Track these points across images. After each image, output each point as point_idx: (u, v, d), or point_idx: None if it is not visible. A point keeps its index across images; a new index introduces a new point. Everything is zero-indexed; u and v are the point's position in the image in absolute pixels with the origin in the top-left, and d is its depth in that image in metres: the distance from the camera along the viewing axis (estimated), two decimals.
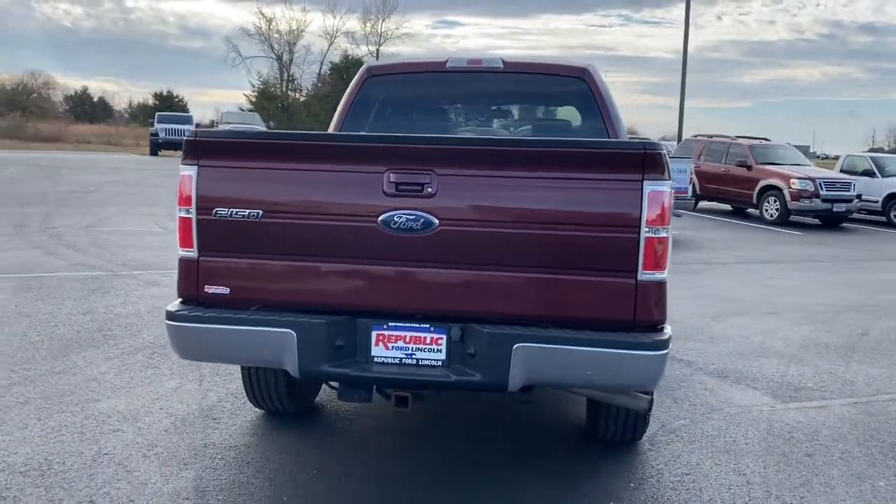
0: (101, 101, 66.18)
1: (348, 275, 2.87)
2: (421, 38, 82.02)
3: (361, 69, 4.63)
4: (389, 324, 2.87)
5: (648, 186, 2.69)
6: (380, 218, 2.77)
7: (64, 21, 75.44)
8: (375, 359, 2.88)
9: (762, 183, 15.72)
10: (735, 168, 16.45)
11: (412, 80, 4.64)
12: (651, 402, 3.19)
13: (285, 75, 49.42)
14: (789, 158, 16.94)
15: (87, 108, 61.77)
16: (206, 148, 2.92)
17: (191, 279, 2.96)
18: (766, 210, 15.60)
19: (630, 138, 4.41)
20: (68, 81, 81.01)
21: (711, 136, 18.16)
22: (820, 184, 14.96)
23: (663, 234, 2.74)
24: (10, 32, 75.46)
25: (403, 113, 4.61)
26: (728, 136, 17.76)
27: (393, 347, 2.88)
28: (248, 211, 2.87)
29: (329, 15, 65.53)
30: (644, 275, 2.72)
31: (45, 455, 3.35)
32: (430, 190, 2.75)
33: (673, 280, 2.90)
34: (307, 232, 2.86)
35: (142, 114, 51.97)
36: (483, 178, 2.77)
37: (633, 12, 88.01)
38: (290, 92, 49.01)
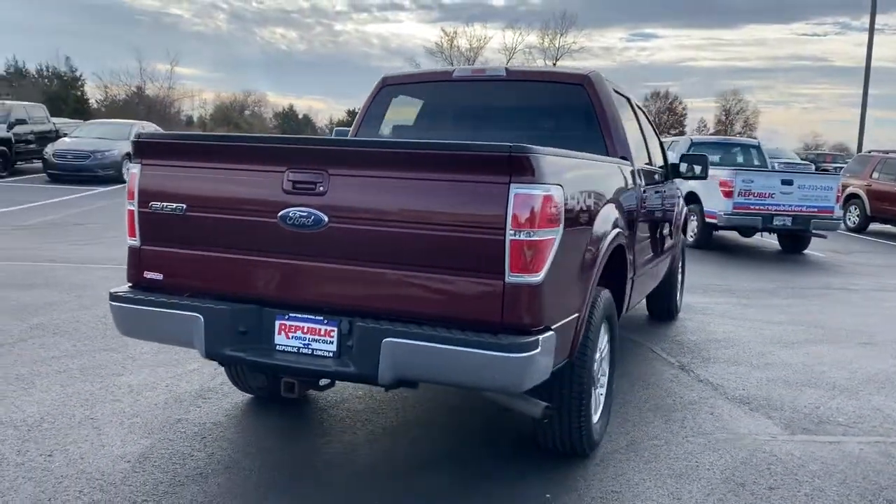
0: (306, 117, 71.48)
1: (255, 266, 3.09)
2: (614, 51, 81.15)
3: (378, 80, 4.87)
4: (290, 314, 3.06)
5: (515, 189, 2.69)
6: (279, 214, 2.98)
7: (280, 44, 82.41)
8: (277, 346, 3.08)
9: None
10: None
11: (422, 90, 4.80)
12: (546, 408, 3.13)
13: None
14: None
15: (293, 124, 67.03)
16: (145, 148, 3.28)
17: (134, 266, 3.32)
18: None
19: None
20: (278, 99, 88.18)
21: (888, 152, 16.52)
22: None
23: (535, 238, 2.72)
24: (234, 55, 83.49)
25: (412, 118, 4.79)
26: None
27: (293, 337, 3.06)
28: (174, 205, 3.19)
29: (509, 31, 66.41)
30: (512, 277, 2.72)
31: (44, 415, 3.87)
32: (321, 189, 2.92)
33: (773, 303, 2.86)
34: (221, 226, 3.12)
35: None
36: (366, 179, 2.90)
37: (853, 19, 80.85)
38: None
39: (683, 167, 6.07)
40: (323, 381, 3.34)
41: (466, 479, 3.39)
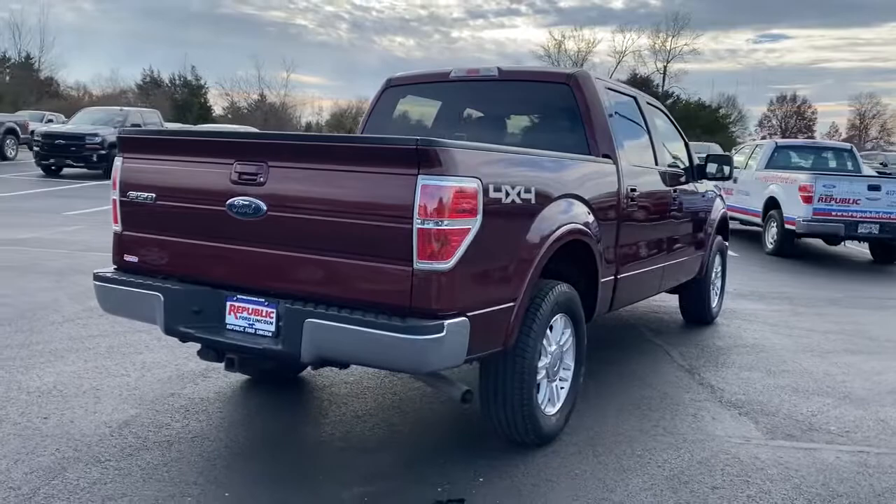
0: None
1: (208, 251, 3.37)
2: (740, 53, 78.31)
3: (384, 81, 5.09)
4: (238, 297, 3.32)
5: (423, 180, 2.83)
6: (226, 203, 3.24)
7: (398, 52, 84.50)
8: (227, 326, 3.34)
9: None
10: None
11: (422, 90, 4.98)
12: (466, 392, 3.24)
13: None
14: None
15: None
16: (125, 143, 3.62)
17: (116, 249, 3.68)
18: None
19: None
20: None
21: None
22: None
23: (444, 227, 2.85)
24: (353, 63, 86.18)
25: (413, 117, 4.98)
26: None
27: (240, 317, 3.31)
28: (146, 195, 3.51)
29: (619, 34, 65.32)
30: (420, 264, 2.85)
31: (57, 384, 4.30)
32: (261, 180, 3.16)
33: (828, 312, 2.92)
34: (181, 214, 3.42)
35: None
36: (297, 171, 3.11)
37: None
38: None
39: (713, 168, 5.97)
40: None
41: (409, 460, 3.53)
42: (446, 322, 2.87)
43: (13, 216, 11.60)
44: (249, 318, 3.29)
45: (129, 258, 3.63)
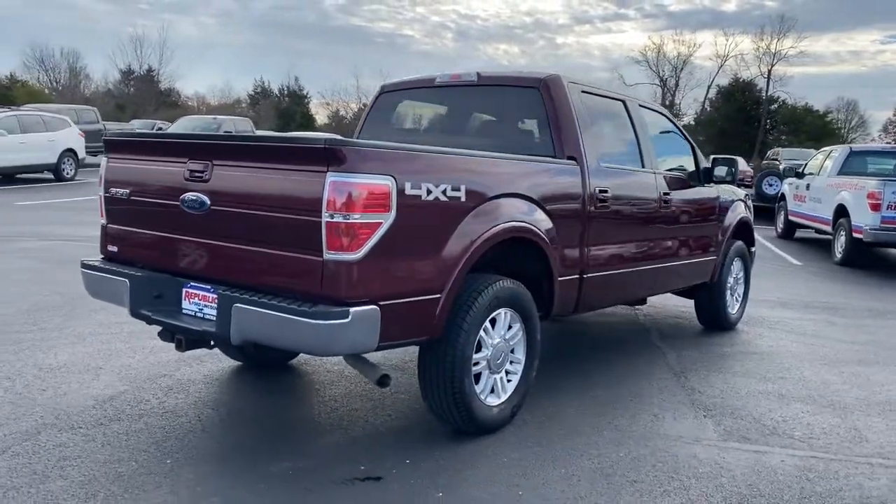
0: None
1: (167, 242, 3.72)
2: (865, 55, 74.52)
3: (379, 87, 5.36)
4: (192, 284, 3.65)
5: (331, 177, 3.06)
6: (180, 198, 3.58)
7: (502, 60, 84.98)
8: (183, 310, 3.68)
9: None
10: None
11: (411, 95, 5.22)
12: (383, 377, 3.44)
13: (666, 101, 49.25)
14: None
15: None
16: (109, 145, 4.03)
17: (102, 240, 4.09)
18: None
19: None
20: None
21: None
22: None
23: (352, 221, 3.08)
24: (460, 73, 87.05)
25: (406, 122, 5.22)
26: None
27: (192, 302, 3.65)
28: (122, 191, 3.90)
29: (721, 37, 63.25)
30: (328, 255, 3.09)
31: (67, 363, 4.77)
32: (206, 177, 3.48)
33: (866, 324, 3.07)
34: (147, 208, 3.79)
35: None
36: (232, 168, 3.41)
37: None
38: None
39: (721, 171, 5.93)
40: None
41: (351, 442, 3.77)
42: (352, 309, 3.09)
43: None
44: (200, 303, 3.61)
45: (111, 248, 4.04)
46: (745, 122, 45.47)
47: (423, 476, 3.39)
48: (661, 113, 5.84)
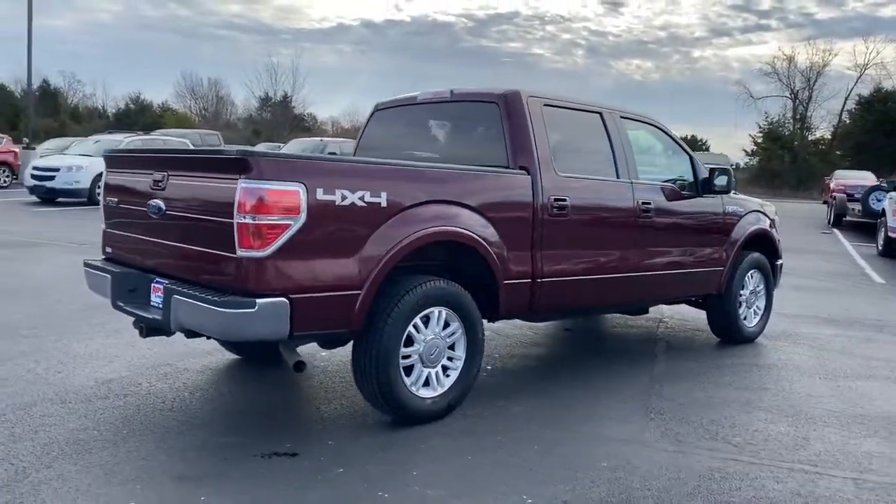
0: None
1: (141, 243, 4.28)
2: None
3: (374, 105, 5.79)
4: (157, 279, 4.18)
5: (242, 184, 3.50)
6: (147, 204, 4.13)
7: (635, 75, 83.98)
8: (151, 302, 4.21)
9: None
10: None
11: (399, 112, 5.61)
12: (298, 363, 3.81)
13: (797, 114, 46.93)
14: None
15: None
16: (108, 160, 4.67)
17: (102, 242, 4.72)
18: None
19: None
20: None
21: None
22: None
23: (260, 223, 3.50)
24: (588, 89, 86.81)
25: (393, 136, 5.62)
26: None
27: (156, 296, 4.16)
28: (113, 199, 4.52)
29: (861, 44, 59.40)
30: (240, 252, 3.53)
31: (92, 351, 5.45)
32: (163, 185, 4.02)
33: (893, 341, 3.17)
34: (127, 213, 4.38)
35: None
36: (180, 178, 3.93)
37: None
38: (800, 131, 46.35)
39: (722, 181, 5.94)
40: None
41: (287, 424, 4.17)
42: (259, 300, 3.50)
43: None
44: (161, 296, 4.12)
45: (107, 249, 4.66)
46: (885, 135, 42.56)
47: (333, 454, 3.74)
48: (654, 125, 5.92)
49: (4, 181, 21.91)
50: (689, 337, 6.80)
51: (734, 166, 35.27)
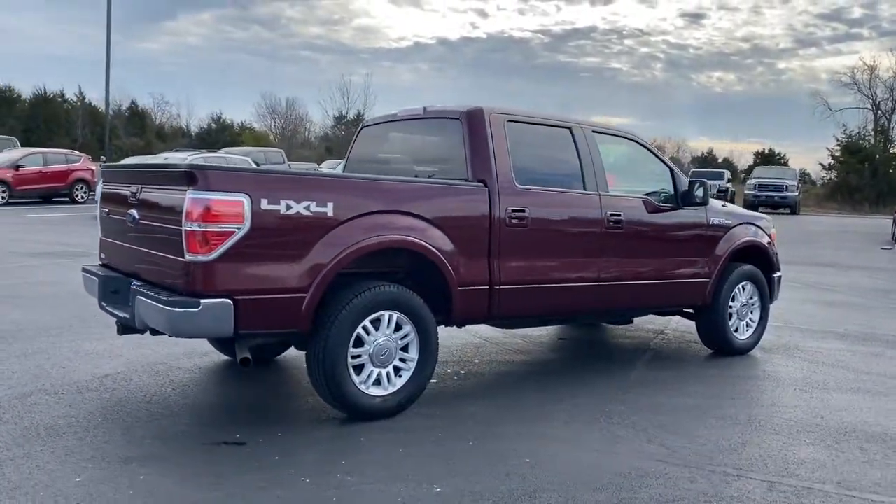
0: (726, 161, 69.05)
1: (123, 250, 4.72)
2: None
3: (361, 123, 6.13)
4: (134, 282, 4.60)
5: (190, 194, 3.88)
6: (126, 213, 4.57)
7: (716, 88, 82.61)
8: (130, 303, 4.63)
9: None
10: None
11: (382, 129, 5.95)
12: (243, 359, 4.15)
13: (878, 125, 45.12)
14: None
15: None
16: (104, 174, 5.15)
17: (99, 249, 5.20)
18: None
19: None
20: (699, 144, 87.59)
21: None
22: None
23: (205, 230, 3.87)
24: (667, 102, 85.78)
25: (376, 151, 5.96)
26: None
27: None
28: (105, 209, 4.99)
29: None
30: (188, 256, 3.90)
31: (101, 350, 5.94)
32: (138, 197, 4.45)
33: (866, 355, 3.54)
34: (113, 223, 4.83)
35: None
36: (149, 190, 4.34)
37: None
38: (881, 144, 44.50)
39: (699, 192, 6.03)
40: None
41: (250, 415, 4.51)
42: (203, 300, 3.86)
43: None
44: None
45: (102, 255, 5.13)
46: None
47: (276, 445, 4.05)
48: (633, 140, 6.06)
49: (82, 197, 23.32)
50: (682, 348, 6.85)
51: (803, 179, 34.31)
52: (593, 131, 5.68)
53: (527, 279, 5.08)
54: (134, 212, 4.45)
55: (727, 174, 35.46)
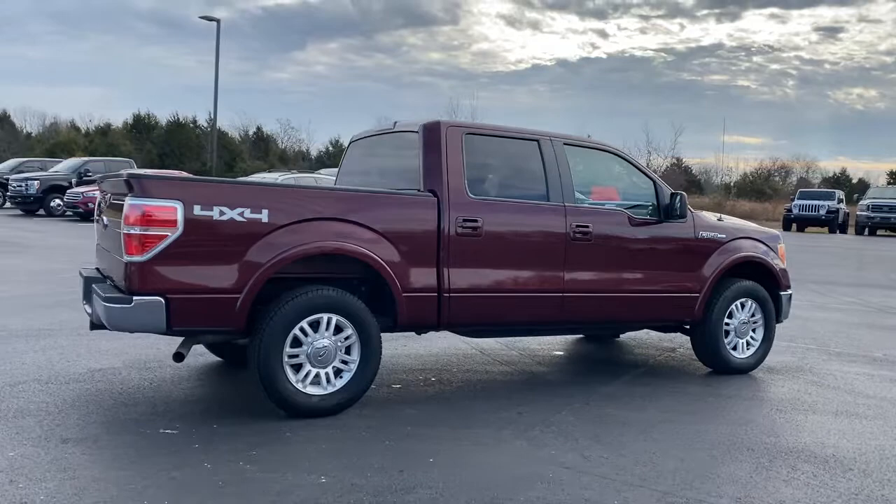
0: (861, 181, 64.79)
1: (102, 252, 5.19)
2: None
3: (350, 138, 6.43)
4: (111, 283, 5.04)
5: (128, 200, 4.26)
6: (101, 219, 5.03)
7: (856, 105, 78.52)
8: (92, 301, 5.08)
9: None
10: None
11: (365, 143, 6.21)
12: (176, 353, 4.48)
13: None
14: None
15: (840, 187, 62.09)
16: (98, 184, 5.66)
17: (95, 253, 5.71)
18: None
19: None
20: (831, 164, 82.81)
21: None
22: None
23: (140, 233, 4.23)
24: (800, 120, 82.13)
25: (361, 164, 6.23)
26: None
27: None
28: (96, 216, 5.48)
29: None
30: (126, 257, 4.28)
31: (110, 349, 6.45)
32: (107, 203, 4.89)
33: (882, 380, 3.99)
34: (98, 229, 5.31)
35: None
36: (111, 197, 4.77)
37: None
38: None
39: (676, 205, 5.95)
40: None
41: (200, 407, 4.82)
42: (136, 297, 4.22)
43: None
44: None
45: (96, 258, 5.63)
46: None
47: (206, 436, 4.33)
48: (614, 153, 6.04)
49: None
50: (683, 366, 6.69)
51: None
52: (565, 144, 5.71)
53: (481, 287, 5.18)
54: (105, 218, 4.90)
55: (839, 194, 33.50)
